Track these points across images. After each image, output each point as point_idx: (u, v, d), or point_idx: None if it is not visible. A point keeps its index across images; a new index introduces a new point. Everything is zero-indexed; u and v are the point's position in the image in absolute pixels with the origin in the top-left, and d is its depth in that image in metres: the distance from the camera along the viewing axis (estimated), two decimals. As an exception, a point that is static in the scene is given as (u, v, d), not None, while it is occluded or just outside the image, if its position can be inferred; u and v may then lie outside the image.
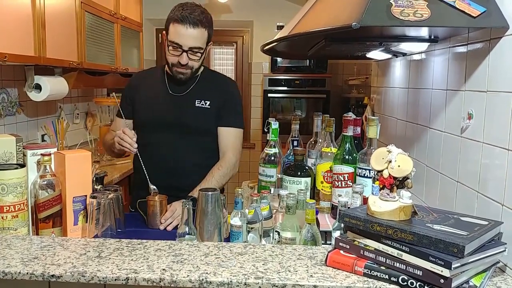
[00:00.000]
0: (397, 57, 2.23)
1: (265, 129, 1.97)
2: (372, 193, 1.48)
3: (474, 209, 1.33)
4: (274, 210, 1.49)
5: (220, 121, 1.98)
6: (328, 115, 1.99)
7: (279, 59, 4.48)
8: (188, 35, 1.81)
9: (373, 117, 1.65)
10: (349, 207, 1.35)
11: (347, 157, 1.75)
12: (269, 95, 4.54)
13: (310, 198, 1.77)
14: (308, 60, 4.43)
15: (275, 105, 4.61)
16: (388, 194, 1.16)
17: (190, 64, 1.88)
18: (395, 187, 1.15)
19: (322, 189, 1.85)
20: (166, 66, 1.98)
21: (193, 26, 1.80)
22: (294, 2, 4.49)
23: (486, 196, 1.27)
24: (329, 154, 1.85)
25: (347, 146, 1.76)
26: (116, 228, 1.44)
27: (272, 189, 1.80)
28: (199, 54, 1.87)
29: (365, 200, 1.42)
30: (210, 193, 1.43)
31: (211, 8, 4.67)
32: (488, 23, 1.23)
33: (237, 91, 2.10)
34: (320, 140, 2.01)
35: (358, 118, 1.81)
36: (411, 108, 2.03)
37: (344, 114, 1.80)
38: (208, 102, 1.95)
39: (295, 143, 2.06)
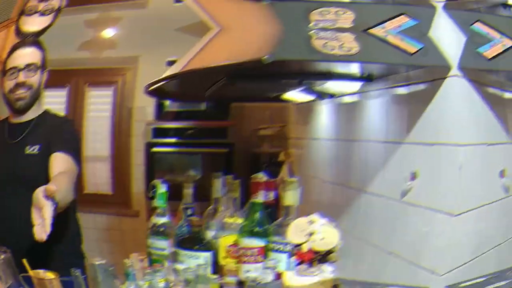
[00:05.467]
0: (323, 98, 2.23)
1: (151, 194, 1.94)
2: (288, 268, 1.53)
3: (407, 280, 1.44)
4: (172, 283, 1.51)
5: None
6: (232, 176, 1.95)
7: (167, 103, 4.36)
8: None
9: (292, 179, 1.65)
10: (259, 283, 1.41)
11: (257, 229, 1.72)
12: (154, 149, 4.36)
13: (213, 273, 1.75)
14: (204, 103, 4.35)
15: (162, 163, 4.43)
16: (307, 269, 1.26)
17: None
18: (315, 262, 1.26)
19: (226, 264, 1.80)
20: None
21: None
22: (193, 35, 4.47)
23: (421, 267, 1.38)
24: (233, 225, 1.82)
25: (257, 215, 1.73)
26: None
27: (167, 262, 1.74)
28: None
29: (279, 275, 1.48)
30: (96, 263, 1.44)
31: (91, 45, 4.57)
32: (427, 61, 1.31)
33: (69, 125, 2.14)
34: (222, 208, 1.94)
35: (271, 180, 1.84)
36: (342, 165, 2.07)
37: (253, 175, 1.83)
38: (37, 147, 1.98)
39: (190, 211, 1.98)
